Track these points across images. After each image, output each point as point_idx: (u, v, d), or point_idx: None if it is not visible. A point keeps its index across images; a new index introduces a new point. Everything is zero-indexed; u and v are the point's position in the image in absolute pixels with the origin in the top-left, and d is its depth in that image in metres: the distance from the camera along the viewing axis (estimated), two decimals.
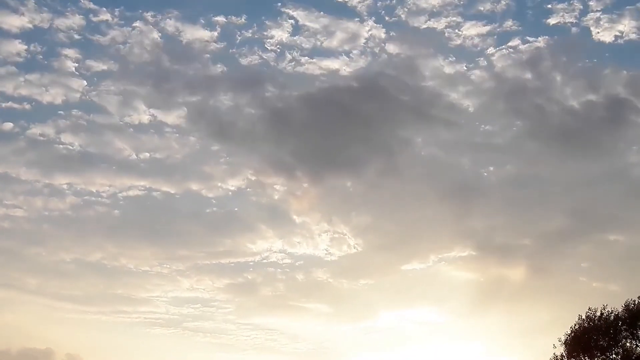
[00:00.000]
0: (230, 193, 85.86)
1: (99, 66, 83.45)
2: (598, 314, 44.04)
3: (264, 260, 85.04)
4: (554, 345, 45.05)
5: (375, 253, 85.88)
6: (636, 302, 43.49)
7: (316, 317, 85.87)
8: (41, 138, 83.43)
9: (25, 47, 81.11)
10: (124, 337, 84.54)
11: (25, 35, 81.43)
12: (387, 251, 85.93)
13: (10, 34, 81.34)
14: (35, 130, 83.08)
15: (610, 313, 43.81)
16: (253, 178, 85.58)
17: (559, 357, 44.82)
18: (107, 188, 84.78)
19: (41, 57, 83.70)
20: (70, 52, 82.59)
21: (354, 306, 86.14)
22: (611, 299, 45.15)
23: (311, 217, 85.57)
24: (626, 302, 43.72)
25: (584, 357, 44.02)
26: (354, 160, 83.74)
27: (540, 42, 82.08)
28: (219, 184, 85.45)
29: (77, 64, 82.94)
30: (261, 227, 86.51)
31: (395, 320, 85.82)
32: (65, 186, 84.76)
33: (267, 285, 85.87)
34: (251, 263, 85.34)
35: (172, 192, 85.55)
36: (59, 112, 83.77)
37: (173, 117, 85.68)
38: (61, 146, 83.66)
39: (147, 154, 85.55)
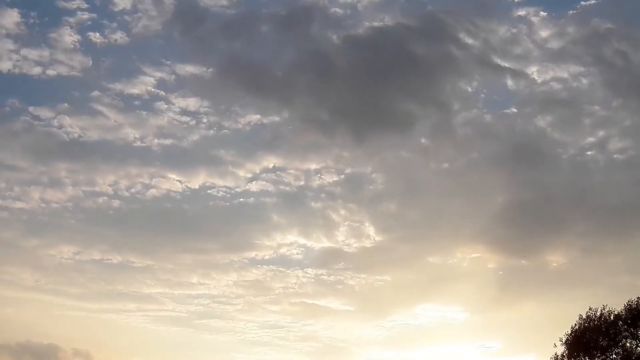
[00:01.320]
0: (243, 181, 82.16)
1: (104, 40, 78.28)
2: (598, 313, 43.96)
3: (275, 255, 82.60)
4: (554, 344, 45.13)
5: (399, 243, 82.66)
6: (637, 302, 43.31)
7: (330, 314, 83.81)
8: (38, 122, 78.61)
9: (23, 19, 74.78)
10: (127, 335, 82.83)
11: (23, 4, 75.07)
12: (412, 240, 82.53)
13: (4, 1, 75.39)
14: (33, 112, 78.23)
15: (610, 313, 43.74)
16: (270, 164, 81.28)
17: (559, 356, 44.78)
18: (110, 177, 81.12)
19: (39, 29, 77.03)
20: (72, 22, 76.67)
21: (373, 303, 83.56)
22: None
23: (329, 204, 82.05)
24: (627, 302, 43.55)
25: (584, 357, 43.93)
26: (404, 118, 77.21)
27: None
28: (231, 169, 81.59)
29: (80, 37, 76.77)
30: (274, 217, 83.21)
31: (413, 317, 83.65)
32: (64, 173, 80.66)
33: (279, 281, 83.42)
34: (260, 258, 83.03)
35: (180, 180, 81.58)
36: (58, 92, 79.16)
37: (183, 99, 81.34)
38: (60, 130, 79.01)
39: (156, 140, 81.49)
